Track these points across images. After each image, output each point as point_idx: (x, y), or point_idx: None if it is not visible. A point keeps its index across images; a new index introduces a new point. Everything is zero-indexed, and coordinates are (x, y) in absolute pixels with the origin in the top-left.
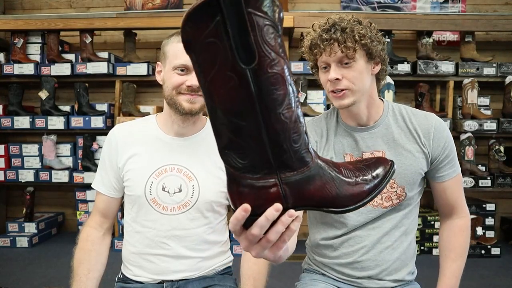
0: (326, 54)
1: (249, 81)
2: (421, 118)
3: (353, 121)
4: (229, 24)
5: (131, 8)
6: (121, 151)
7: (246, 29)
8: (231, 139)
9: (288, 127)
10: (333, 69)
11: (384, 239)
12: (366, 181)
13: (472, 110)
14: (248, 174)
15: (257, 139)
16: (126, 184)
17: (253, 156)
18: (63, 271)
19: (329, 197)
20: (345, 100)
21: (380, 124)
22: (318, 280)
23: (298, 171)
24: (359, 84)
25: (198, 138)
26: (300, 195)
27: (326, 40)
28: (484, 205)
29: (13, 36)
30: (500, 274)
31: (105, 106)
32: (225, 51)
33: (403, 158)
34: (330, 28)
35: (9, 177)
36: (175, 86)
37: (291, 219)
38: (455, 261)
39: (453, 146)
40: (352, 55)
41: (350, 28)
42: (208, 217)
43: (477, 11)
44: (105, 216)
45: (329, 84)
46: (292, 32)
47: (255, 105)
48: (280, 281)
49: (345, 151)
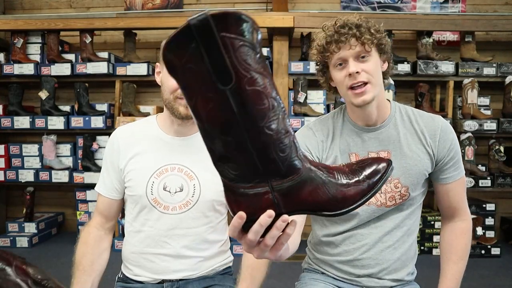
0: (346, 49)
1: (229, 100)
2: (428, 120)
3: (361, 121)
4: (204, 49)
5: (131, 8)
6: (123, 152)
7: (220, 52)
8: (221, 153)
9: (273, 139)
10: (352, 63)
11: (385, 238)
12: (359, 182)
13: (472, 110)
14: (241, 184)
15: (244, 151)
16: (128, 185)
17: (244, 167)
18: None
19: (321, 201)
20: (367, 95)
21: (387, 125)
22: (318, 279)
23: (288, 178)
24: (377, 77)
25: (198, 138)
26: (292, 201)
27: (344, 34)
28: (484, 205)
29: (13, 36)
30: (500, 274)
31: (105, 106)
32: (203, 75)
33: (408, 159)
34: (344, 26)
35: (9, 177)
36: (172, 90)
37: (285, 223)
38: (457, 263)
39: (458, 149)
40: (369, 49)
41: (365, 24)
42: (209, 216)
43: (477, 11)
44: (106, 217)
45: (348, 79)
46: (292, 32)
47: (238, 121)
48: (280, 281)
49: (350, 150)
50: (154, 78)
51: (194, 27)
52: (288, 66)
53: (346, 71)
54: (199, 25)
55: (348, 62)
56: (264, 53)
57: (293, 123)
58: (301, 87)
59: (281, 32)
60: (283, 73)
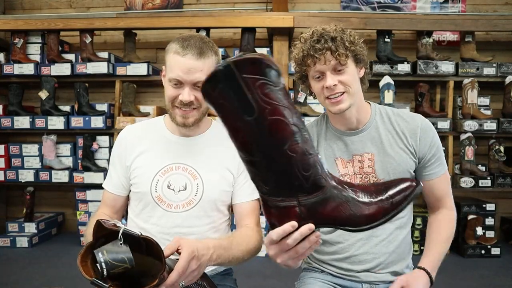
0: (321, 63)
1: (254, 128)
2: (408, 119)
3: (343, 126)
4: (229, 89)
5: (131, 8)
6: (130, 150)
7: (242, 90)
8: (252, 171)
9: (296, 160)
10: (329, 76)
11: (378, 232)
12: (382, 201)
13: (472, 110)
14: (273, 197)
15: (270, 170)
16: (133, 182)
17: (274, 183)
18: (63, 271)
19: (343, 217)
20: (343, 104)
21: (369, 127)
22: (317, 278)
23: (314, 194)
24: (354, 86)
25: (204, 138)
26: (316, 215)
27: (319, 50)
28: (484, 205)
29: (13, 36)
30: (500, 274)
31: (105, 106)
32: (232, 108)
33: (391, 159)
34: (319, 39)
35: (9, 177)
36: (170, 99)
37: (317, 239)
38: (441, 244)
39: (439, 145)
40: (344, 61)
41: (340, 37)
42: (212, 216)
43: (477, 11)
44: (112, 210)
45: (326, 91)
46: (292, 32)
47: (264, 145)
48: (280, 281)
49: (336, 155)
50: (154, 78)
51: (220, 72)
52: (288, 66)
53: (324, 83)
54: (223, 71)
55: (325, 75)
56: (264, 53)
57: None
58: (300, 88)
59: (281, 32)
60: (283, 73)
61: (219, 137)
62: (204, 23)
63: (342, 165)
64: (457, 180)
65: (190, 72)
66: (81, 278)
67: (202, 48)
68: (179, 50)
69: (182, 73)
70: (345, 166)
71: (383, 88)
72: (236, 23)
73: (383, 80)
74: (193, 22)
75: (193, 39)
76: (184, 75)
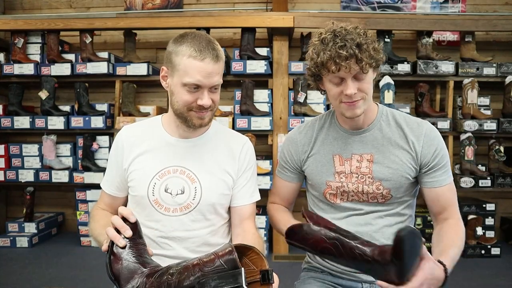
0: (346, 71)
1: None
2: (413, 125)
3: (348, 125)
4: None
5: (131, 8)
6: (127, 152)
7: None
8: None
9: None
10: (350, 84)
11: (377, 235)
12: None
13: (472, 110)
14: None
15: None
16: (130, 185)
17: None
18: (63, 271)
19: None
20: (358, 109)
21: (372, 128)
22: (317, 278)
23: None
24: (370, 93)
25: (202, 140)
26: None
27: (344, 58)
28: (484, 205)
29: (13, 36)
30: (500, 274)
31: (105, 106)
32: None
33: (390, 163)
34: (345, 44)
35: (9, 177)
36: (185, 104)
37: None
38: (454, 247)
39: (445, 154)
40: (366, 70)
41: (365, 44)
42: (210, 219)
43: (477, 11)
44: (110, 208)
45: (344, 97)
46: (292, 32)
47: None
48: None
49: (334, 152)
50: (154, 78)
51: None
52: (288, 66)
53: (342, 88)
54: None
55: (345, 81)
56: (264, 53)
57: (293, 123)
58: (301, 87)
59: (281, 32)
60: (283, 73)
61: (218, 137)
62: (204, 23)
63: (339, 162)
64: (457, 180)
65: (210, 76)
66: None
67: (216, 50)
68: (195, 54)
69: (203, 77)
70: (342, 163)
71: (383, 88)
72: (236, 23)
73: (383, 80)
74: (193, 22)
75: (203, 40)
76: (204, 79)
